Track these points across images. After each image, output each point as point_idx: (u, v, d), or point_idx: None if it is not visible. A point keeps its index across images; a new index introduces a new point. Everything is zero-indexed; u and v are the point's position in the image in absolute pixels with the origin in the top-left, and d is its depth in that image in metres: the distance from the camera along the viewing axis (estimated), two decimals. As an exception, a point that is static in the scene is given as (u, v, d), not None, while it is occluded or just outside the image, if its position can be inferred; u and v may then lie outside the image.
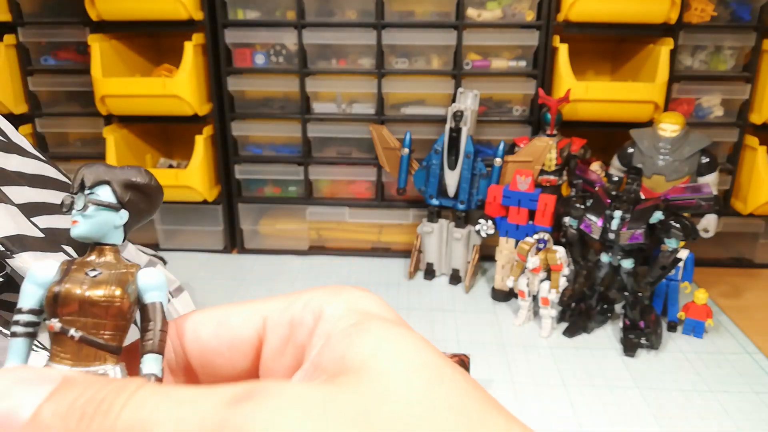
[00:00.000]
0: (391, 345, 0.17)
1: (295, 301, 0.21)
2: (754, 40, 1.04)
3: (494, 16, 1.07)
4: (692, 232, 0.81)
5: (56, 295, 0.19)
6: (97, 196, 0.20)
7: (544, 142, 1.00)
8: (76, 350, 0.19)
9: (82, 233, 0.20)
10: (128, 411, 0.15)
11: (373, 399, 0.15)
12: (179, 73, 1.07)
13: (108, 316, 0.19)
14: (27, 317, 0.19)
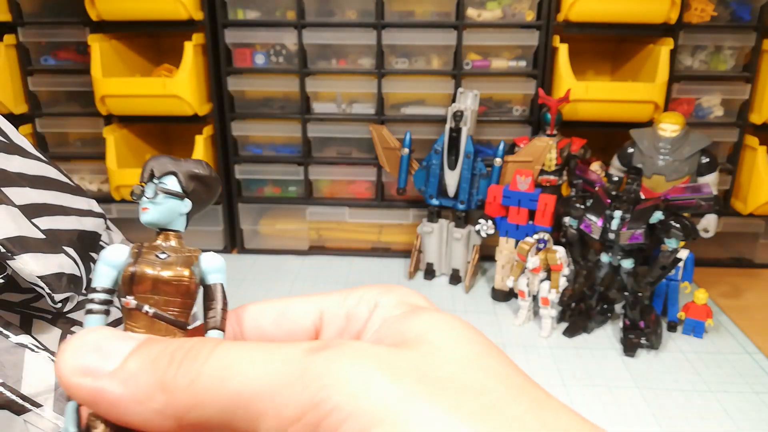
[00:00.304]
0: (443, 324, 0.19)
1: (349, 296, 0.22)
2: (754, 40, 1.04)
3: (494, 16, 1.07)
4: (692, 232, 0.81)
5: (132, 274, 0.20)
6: (165, 186, 0.22)
7: (544, 142, 1.00)
8: (149, 325, 0.20)
9: (152, 219, 0.22)
10: (216, 356, 0.17)
11: (431, 361, 0.17)
12: (179, 73, 1.07)
13: (177, 294, 0.21)
14: (102, 296, 0.21)
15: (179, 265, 0.21)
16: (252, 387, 0.16)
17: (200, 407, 0.16)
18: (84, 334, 0.18)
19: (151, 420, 0.17)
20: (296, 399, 0.16)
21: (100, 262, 0.21)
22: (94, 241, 0.58)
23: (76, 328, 0.55)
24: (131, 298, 0.20)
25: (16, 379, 0.42)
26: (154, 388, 0.17)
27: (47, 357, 0.44)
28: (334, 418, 0.15)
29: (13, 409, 0.41)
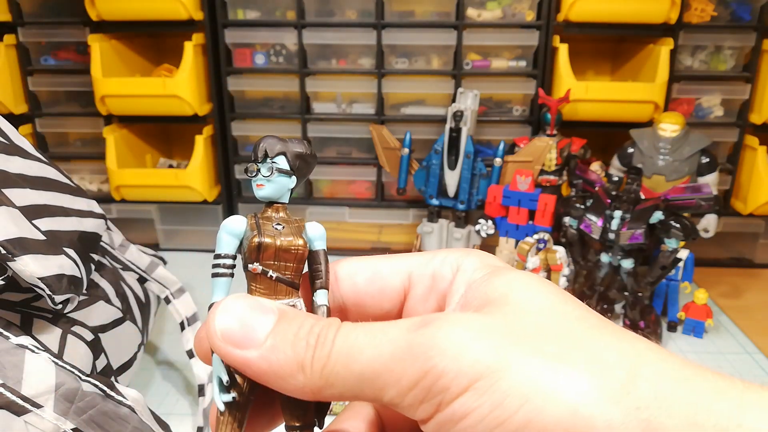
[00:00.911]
0: (521, 282, 0.21)
1: (433, 258, 0.25)
2: (754, 40, 1.04)
3: (494, 16, 1.07)
4: (692, 232, 0.81)
5: (259, 244, 0.24)
6: (277, 165, 0.25)
7: (544, 142, 1.00)
8: (272, 287, 0.24)
9: (267, 194, 0.25)
10: (340, 340, 0.20)
11: (515, 318, 0.19)
12: (179, 73, 1.07)
13: (293, 260, 0.24)
14: (228, 261, 0.25)
15: (294, 235, 0.24)
16: (371, 366, 0.19)
17: (333, 386, 0.20)
18: (229, 305, 0.21)
19: (291, 390, 0.20)
20: (409, 371, 0.19)
21: (223, 232, 0.24)
22: (94, 242, 0.58)
23: (77, 328, 0.55)
24: (257, 265, 0.24)
25: (17, 380, 0.42)
26: (295, 369, 0.20)
27: (48, 358, 0.44)
28: (443, 380, 0.18)
29: (13, 409, 0.41)
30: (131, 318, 0.67)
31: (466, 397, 0.18)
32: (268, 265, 0.24)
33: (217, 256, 0.25)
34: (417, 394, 0.19)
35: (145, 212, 1.19)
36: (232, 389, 0.22)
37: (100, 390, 0.45)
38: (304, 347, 0.20)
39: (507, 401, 0.17)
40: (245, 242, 0.24)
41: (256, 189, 0.25)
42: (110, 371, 0.59)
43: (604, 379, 0.17)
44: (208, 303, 0.25)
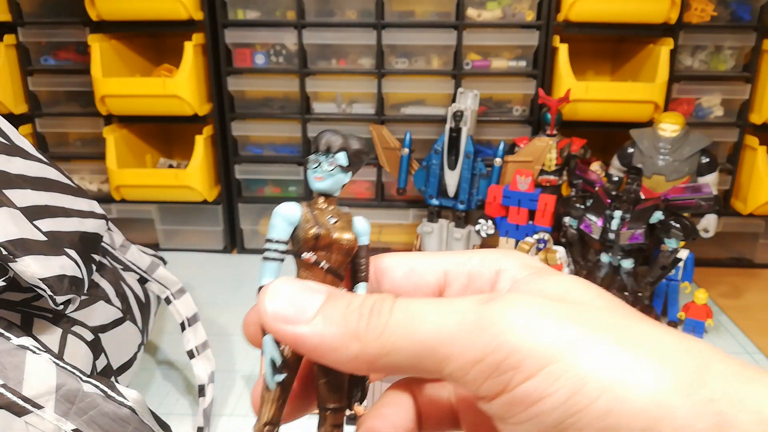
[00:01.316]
0: (573, 280, 0.22)
1: (471, 258, 0.26)
2: (754, 40, 1.04)
3: (494, 16, 1.07)
4: (692, 232, 0.81)
5: (317, 235, 0.24)
6: (337, 160, 0.26)
7: (544, 142, 1.00)
8: (322, 277, 0.25)
9: (324, 188, 0.26)
10: (398, 310, 0.20)
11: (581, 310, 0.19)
12: (179, 73, 1.07)
13: (344, 253, 0.25)
14: (280, 246, 0.25)
15: (347, 230, 0.25)
16: (435, 336, 0.19)
17: (390, 355, 0.20)
18: (279, 287, 0.21)
19: (345, 363, 0.20)
20: (476, 344, 0.18)
21: (278, 218, 0.25)
22: (95, 243, 0.58)
23: (77, 328, 0.55)
24: (312, 254, 0.25)
25: (18, 380, 0.42)
26: (348, 339, 0.20)
27: (49, 359, 0.44)
28: (513, 358, 0.18)
29: (13, 410, 0.41)
30: (131, 318, 0.67)
31: (539, 379, 0.17)
32: (321, 256, 0.25)
33: (269, 240, 0.25)
34: (483, 369, 0.18)
35: (145, 212, 1.19)
36: (282, 370, 0.23)
37: (101, 391, 0.45)
38: (356, 318, 0.20)
39: (586, 389, 0.17)
40: (299, 231, 0.25)
41: (313, 181, 0.26)
42: (110, 371, 0.59)
43: (678, 373, 0.17)
44: (208, 303, 0.26)
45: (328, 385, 0.25)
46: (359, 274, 0.26)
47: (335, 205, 0.27)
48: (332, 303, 0.21)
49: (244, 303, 1.00)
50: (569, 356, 0.17)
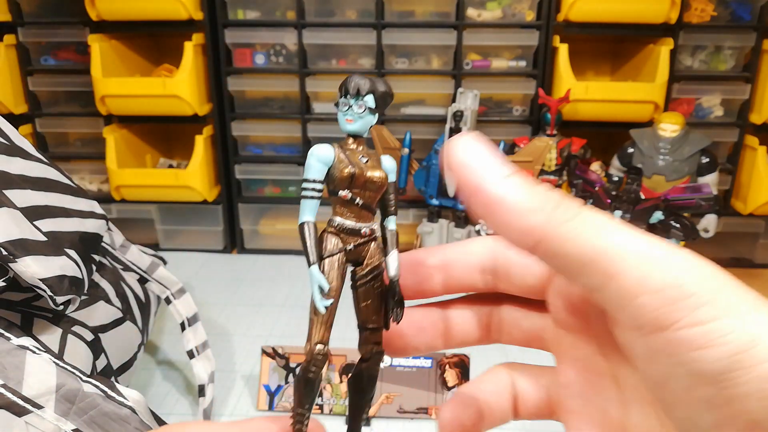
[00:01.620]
0: None
1: None
2: (754, 40, 1.04)
3: (494, 16, 1.07)
4: (692, 232, 0.81)
5: (352, 174, 0.26)
6: (366, 103, 0.27)
7: (544, 142, 1.00)
8: (357, 212, 0.27)
9: (355, 129, 0.27)
10: (589, 210, 0.19)
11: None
12: (179, 73, 1.07)
13: (376, 189, 0.27)
14: (317, 185, 0.26)
15: (377, 168, 0.27)
16: (621, 248, 0.18)
17: (566, 243, 0.19)
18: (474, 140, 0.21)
19: (519, 232, 0.20)
20: (660, 273, 0.18)
21: (314, 159, 0.26)
22: (95, 243, 0.58)
23: (77, 328, 0.55)
24: (347, 192, 0.26)
25: (18, 380, 0.42)
26: (535, 210, 0.19)
27: (49, 359, 0.44)
28: (691, 300, 0.17)
29: (13, 410, 0.41)
30: (131, 318, 0.67)
31: (709, 327, 0.17)
32: (356, 193, 0.27)
33: (306, 180, 0.26)
34: (656, 300, 0.18)
35: (145, 212, 1.19)
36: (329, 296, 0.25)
37: (101, 391, 0.45)
38: (549, 197, 0.20)
39: (754, 350, 0.17)
40: (335, 171, 0.26)
41: (345, 123, 0.27)
42: (110, 371, 0.59)
43: None
44: (208, 303, 0.26)
45: (369, 308, 0.27)
46: (389, 208, 0.28)
47: (364, 146, 0.28)
48: (524, 174, 0.20)
49: (244, 303, 1.00)
50: (742, 316, 0.17)
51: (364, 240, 0.27)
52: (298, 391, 0.27)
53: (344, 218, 0.27)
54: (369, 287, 0.27)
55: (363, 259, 0.27)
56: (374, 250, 0.28)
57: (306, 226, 0.26)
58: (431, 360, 0.75)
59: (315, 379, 0.26)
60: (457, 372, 0.73)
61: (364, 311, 0.27)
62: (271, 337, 0.89)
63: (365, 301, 0.27)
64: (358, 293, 0.27)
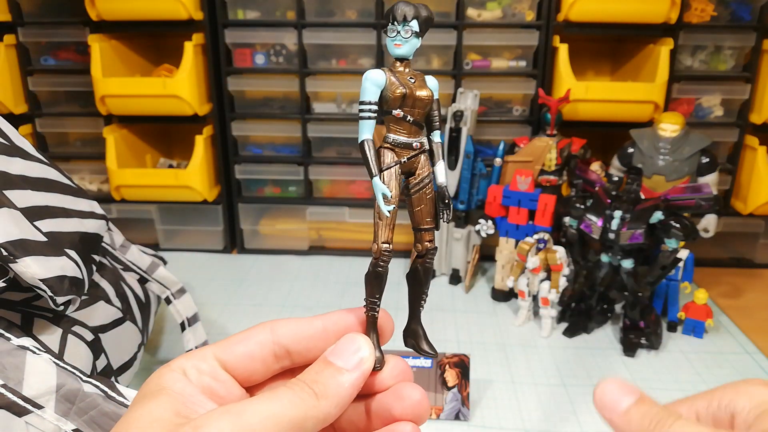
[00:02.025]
0: None
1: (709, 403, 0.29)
2: (754, 40, 1.04)
3: (494, 16, 1.07)
4: (692, 232, 0.81)
5: (404, 95, 0.29)
6: (412, 28, 0.29)
7: (544, 142, 1.00)
8: (408, 128, 0.30)
9: (404, 53, 0.30)
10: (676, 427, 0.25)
11: None
12: (179, 73, 1.07)
13: (423, 106, 0.30)
14: (373, 107, 0.29)
15: (425, 88, 0.30)
16: None
17: None
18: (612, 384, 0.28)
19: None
20: None
21: (369, 83, 0.29)
22: (95, 243, 0.58)
23: (77, 328, 0.55)
24: (400, 111, 0.30)
25: (18, 381, 0.42)
26: None
27: (49, 359, 0.44)
28: None
29: (14, 410, 0.41)
30: (131, 318, 0.67)
31: None
32: (407, 111, 0.30)
33: (363, 102, 0.29)
34: None
35: (145, 212, 1.19)
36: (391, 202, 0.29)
37: (101, 391, 0.45)
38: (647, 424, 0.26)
39: None
40: (387, 92, 0.29)
41: (394, 48, 0.30)
42: (110, 371, 0.59)
43: None
44: (208, 303, 0.26)
45: (422, 212, 0.31)
46: (433, 123, 0.32)
47: (410, 68, 0.31)
48: (640, 406, 0.26)
49: (244, 303, 1.00)
50: None
51: (415, 153, 0.31)
52: (369, 284, 0.30)
53: (397, 135, 0.30)
54: (421, 194, 0.31)
55: (415, 170, 0.31)
56: (424, 161, 0.31)
57: (366, 143, 0.29)
58: (431, 360, 0.75)
59: (383, 272, 0.30)
60: (457, 372, 0.73)
61: (418, 215, 0.31)
62: (271, 337, 0.89)
63: (419, 206, 0.31)
64: (412, 200, 0.31)
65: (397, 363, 0.31)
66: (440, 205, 0.31)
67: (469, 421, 0.71)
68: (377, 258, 0.30)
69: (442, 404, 0.71)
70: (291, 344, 0.30)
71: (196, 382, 0.28)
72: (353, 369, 0.28)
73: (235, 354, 0.29)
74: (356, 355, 0.28)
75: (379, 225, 0.30)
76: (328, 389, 0.27)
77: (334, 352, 0.29)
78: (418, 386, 0.30)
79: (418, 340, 0.33)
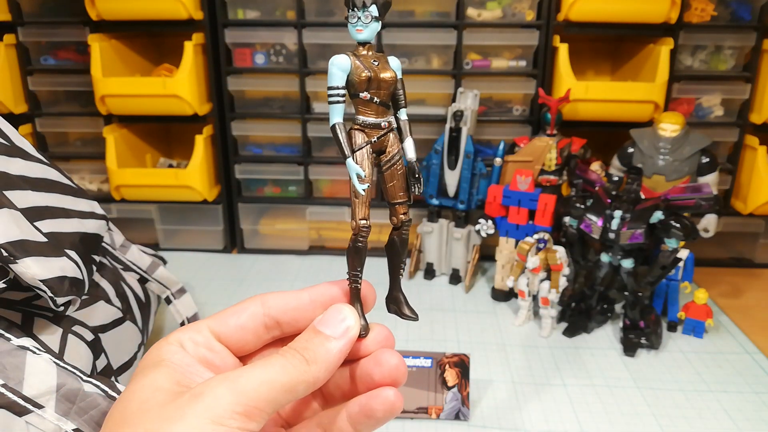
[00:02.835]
0: None
1: None
2: (754, 40, 1.04)
3: (494, 15, 1.07)
4: (692, 232, 0.81)
5: (369, 78, 0.31)
6: (371, 12, 0.31)
7: (544, 141, 1.00)
8: (376, 109, 0.32)
9: (365, 38, 0.31)
10: None
11: None
12: (179, 72, 1.07)
13: (388, 87, 0.32)
14: (341, 91, 0.31)
15: (388, 69, 0.32)
16: None
17: None
18: None
19: None
20: None
21: (335, 68, 0.30)
22: (96, 243, 0.58)
23: (77, 328, 0.55)
24: (366, 93, 0.31)
25: (18, 380, 0.42)
26: None
27: (49, 359, 0.44)
28: None
29: (14, 410, 0.41)
30: (131, 318, 0.67)
31: None
32: (373, 93, 0.31)
33: (332, 87, 0.31)
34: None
35: (145, 212, 1.19)
36: (364, 181, 0.31)
37: (102, 390, 0.45)
38: None
39: None
40: (353, 77, 0.31)
41: (356, 33, 0.31)
42: (110, 371, 0.59)
43: None
44: (208, 303, 0.27)
45: (395, 187, 0.34)
46: (399, 101, 0.33)
47: (373, 50, 0.32)
48: None
49: (244, 303, 1.00)
50: None
51: (384, 132, 0.32)
52: (351, 257, 0.33)
53: (366, 116, 0.32)
54: (393, 170, 0.33)
55: (385, 148, 0.33)
56: (393, 139, 0.33)
57: (337, 126, 0.31)
58: (431, 360, 0.75)
59: (363, 247, 0.33)
60: (457, 372, 0.74)
61: (391, 190, 0.34)
62: (271, 336, 0.89)
63: (391, 182, 0.33)
64: (384, 176, 0.33)
65: (380, 330, 0.33)
66: (411, 179, 0.34)
67: (469, 421, 0.71)
68: (356, 234, 0.33)
69: (442, 404, 0.71)
70: (280, 315, 0.32)
71: (193, 353, 0.30)
72: (340, 336, 0.30)
73: (229, 326, 0.32)
74: (343, 324, 0.30)
75: (356, 203, 0.32)
76: (317, 355, 0.29)
77: (322, 321, 0.31)
78: (396, 352, 0.33)
79: (400, 305, 0.36)
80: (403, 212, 0.34)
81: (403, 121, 0.33)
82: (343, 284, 0.34)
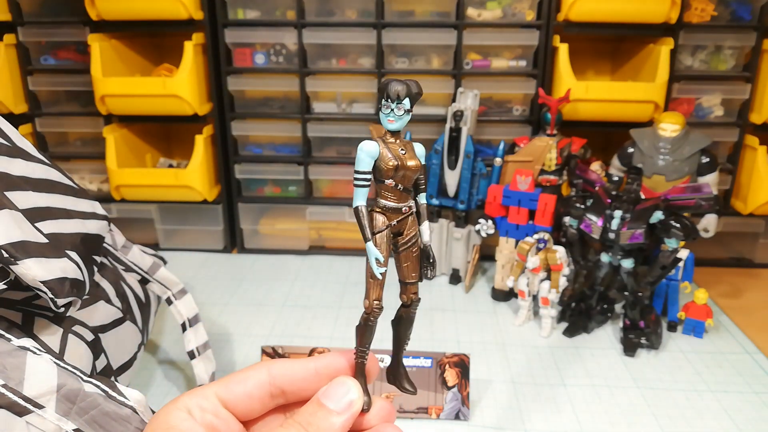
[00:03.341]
0: None
1: None
2: (754, 39, 1.04)
3: (494, 15, 1.07)
4: (692, 232, 0.81)
5: (396, 166, 0.32)
6: (404, 105, 0.32)
7: (544, 141, 1.00)
8: (398, 195, 0.33)
9: (396, 128, 0.33)
10: None
11: None
12: (179, 72, 1.07)
13: (413, 174, 0.33)
14: (367, 176, 0.32)
15: (414, 158, 0.33)
16: None
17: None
18: None
19: None
20: None
21: (363, 154, 0.32)
22: (97, 244, 0.58)
23: (77, 328, 0.55)
24: (391, 180, 0.33)
25: (18, 380, 0.42)
26: None
27: (49, 359, 0.44)
28: None
29: (15, 410, 0.41)
30: (131, 318, 0.67)
31: None
32: (398, 180, 0.33)
33: (358, 171, 0.32)
34: None
35: (145, 212, 1.19)
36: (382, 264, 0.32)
37: (102, 391, 0.45)
38: None
39: None
40: (381, 163, 0.32)
41: (387, 123, 0.33)
42: (110, 371, 0.59)
43: None
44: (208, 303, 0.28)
45: (408, 267, 0.34)
46: (420, 186, 0.35)
47: (401, 139, 0.33)
48: None
49: (244, 303, 1.00)
50: None
51: (404, 216, 0.33)
52: (360, 334, 0.34)
53: (388, 201, 0.33)
54: (408, 252, 0.34)
55: (403, 230, 0.34)
56: (411, 222, 0.34)
57: (360, 209, 0.32)
58: (431, 360, 0.75)
59: (373, 326, 0.34)
60: (457, 372, 0.74)
61: (405, 270, 0.35)
62: (271, 336, 0.89)
63: (406, 262, 0.34)
64: (400, 257, 0.34)
65: (383, 405, 0.34)
66: (425, 262, 0.35)
67: (469, 420, 0.71)
68: (368, 313, 0.33)
69: (442, 404, 0.71)
70: (286, 385, 0.33)
71: (200, 420, 0.31)
72: (343, 411, 0.31)
73: (235, 393, 0.33)
74: (346, 398, 0.31)
75: (371, 284, 0.33)
76: (320, 430, 0.30)
77: (326, 394, 0.32)
78: (397, 427, 0.34)
79: (400, 379, 0.37)
80: (414, 291, 0.35)
81: (422, 205, 0.35)
82: (349, 356, 0.35)
